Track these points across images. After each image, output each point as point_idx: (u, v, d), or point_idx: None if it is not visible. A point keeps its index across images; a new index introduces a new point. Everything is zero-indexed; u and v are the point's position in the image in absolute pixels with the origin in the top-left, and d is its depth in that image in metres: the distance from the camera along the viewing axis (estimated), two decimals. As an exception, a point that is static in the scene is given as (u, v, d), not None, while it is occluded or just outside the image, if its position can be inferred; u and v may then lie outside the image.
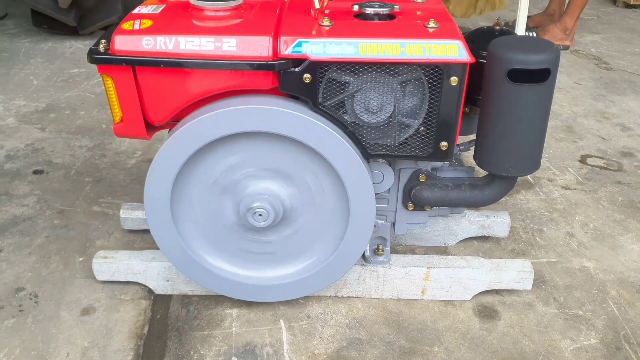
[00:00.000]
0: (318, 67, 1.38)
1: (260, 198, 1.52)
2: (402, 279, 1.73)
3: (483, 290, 1.76)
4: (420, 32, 1.38)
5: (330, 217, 1.57)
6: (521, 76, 1.38)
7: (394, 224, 1.70)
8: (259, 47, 1.36)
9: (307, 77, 1.38)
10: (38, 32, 3.78)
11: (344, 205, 1.53)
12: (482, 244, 2.01)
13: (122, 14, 3.59)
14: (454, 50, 1.35)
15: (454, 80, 1.38)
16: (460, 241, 1.99)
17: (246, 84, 1.41)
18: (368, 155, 1.50)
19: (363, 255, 1.73)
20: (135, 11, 1.51)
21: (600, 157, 2.59)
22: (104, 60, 1.38)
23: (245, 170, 1.52)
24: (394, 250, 1.93)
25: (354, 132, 1.47)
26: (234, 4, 1.47)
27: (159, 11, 1.50)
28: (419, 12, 1.54)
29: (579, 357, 1.59)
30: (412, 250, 1.97)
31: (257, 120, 1.41)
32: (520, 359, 1.59)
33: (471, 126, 1.68)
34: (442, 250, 1.97)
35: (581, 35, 4.12)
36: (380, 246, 1.72)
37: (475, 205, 1.62)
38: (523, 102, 1.41)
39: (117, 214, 2.08)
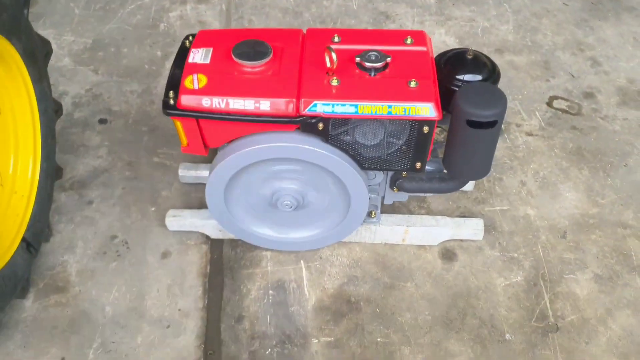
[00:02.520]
0: (329, 119, 1.91)
1: (288, 194, 2.14)
2: (389, 232, 2.40)
3: (447, 239, 2.43)
4: (403, 94, 1.88)
5: (337, 204, 2.21)
6: (477, 123, 1.91)
7: (383, 197, 2.33)
8: (285, 107, 1.88)
9: (320, 125, 1.92)
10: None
11: (347, 199, 2.16)
12: (452, 193, 2.63)
13: None
14: (427, 111, 1.87)
15: (425, 129, 1.91)
16: (436, 193, 2.62)
17: (276, 128, 1.96)
18: (363, 167, 2.08)
19: (360, 218, 2.39)
20: (190, 59, 1.98)
21: (565, 99, 3.06)
22: (176, 113, 1.91)
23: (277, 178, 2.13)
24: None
25: (354, 155, 2.04)
26: (264, 61, 1.94)
27: (208, 61, 1.97)
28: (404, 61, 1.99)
29: (506, 292, 2.31)
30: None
31: (287, 151, 1.98)
32: (466, 292, 2.31)
33: (446, 121, 2.22)
34: (421, 200, 2.60)
35: None
36: (373, 212, 2.36)
37: (442, 192, 2.24)
38: (477, 140, 1.95)
39: (173, 165, 2.66)
